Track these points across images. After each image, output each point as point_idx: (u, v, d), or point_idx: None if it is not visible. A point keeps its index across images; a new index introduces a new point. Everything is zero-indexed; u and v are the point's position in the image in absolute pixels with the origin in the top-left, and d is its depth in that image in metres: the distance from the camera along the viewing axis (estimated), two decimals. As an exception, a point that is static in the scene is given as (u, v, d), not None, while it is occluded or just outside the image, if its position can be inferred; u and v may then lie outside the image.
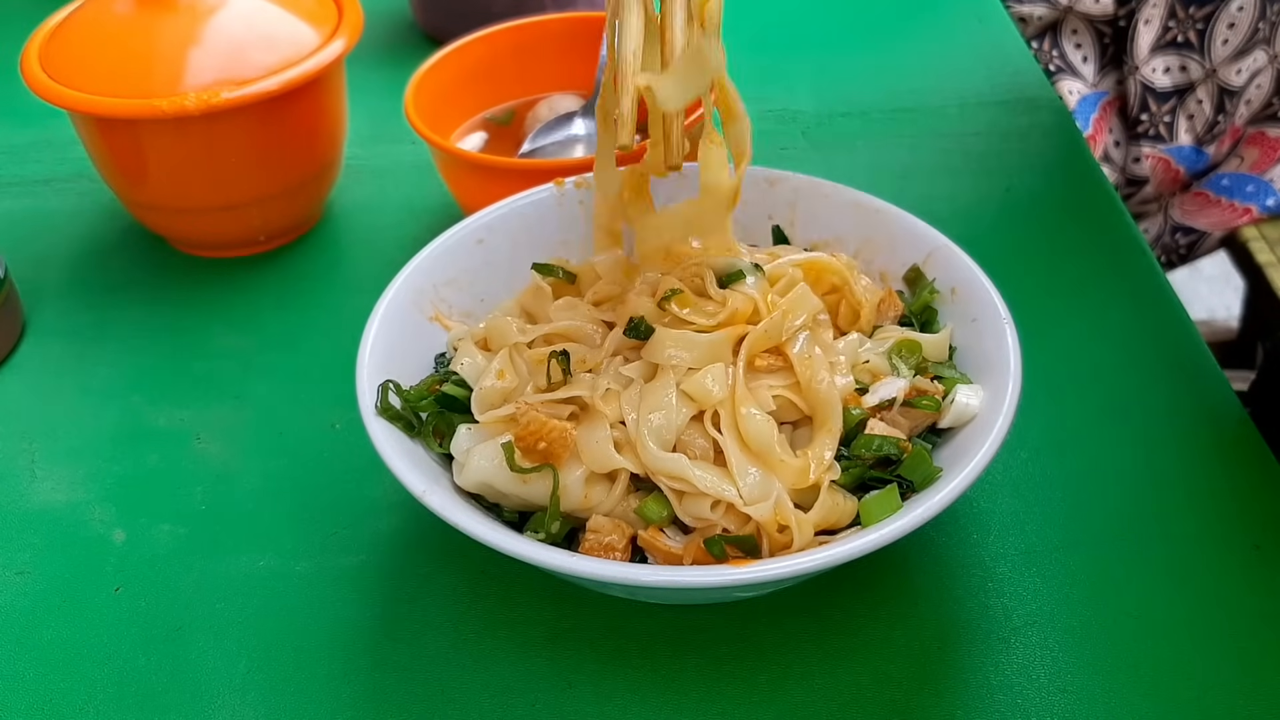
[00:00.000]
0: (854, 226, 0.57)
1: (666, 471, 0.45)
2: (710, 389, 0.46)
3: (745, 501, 0.44)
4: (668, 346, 0.47)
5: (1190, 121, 1.06)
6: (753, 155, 0.52)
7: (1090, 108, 1.06)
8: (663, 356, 0.47)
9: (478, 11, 0.85)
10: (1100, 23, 1.05)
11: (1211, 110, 1.05)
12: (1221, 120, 1.06)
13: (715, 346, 0.47)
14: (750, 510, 0.44)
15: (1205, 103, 1.04)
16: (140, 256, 0.72)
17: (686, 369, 0.47)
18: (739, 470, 0.45)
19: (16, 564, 0.54)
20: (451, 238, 0.56)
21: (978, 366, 0.50)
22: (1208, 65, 1.02)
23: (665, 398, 0.46)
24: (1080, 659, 0.47)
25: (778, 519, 0.44)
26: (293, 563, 0.53)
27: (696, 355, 0.47)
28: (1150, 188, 1.09)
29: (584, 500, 0.46)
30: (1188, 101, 1.04)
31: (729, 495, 0.44)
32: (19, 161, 0.81)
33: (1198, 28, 1.01)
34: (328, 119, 0.70)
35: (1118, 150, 1.07)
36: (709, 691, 0.47)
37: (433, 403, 0.50)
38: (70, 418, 0.61)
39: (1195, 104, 1.04)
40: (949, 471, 0.45)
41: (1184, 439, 0.56)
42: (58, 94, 0.63)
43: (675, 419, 0.46)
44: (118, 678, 0.49)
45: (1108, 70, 1.07)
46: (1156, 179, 1.08)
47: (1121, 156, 1.07)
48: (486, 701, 0.47)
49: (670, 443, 0.46)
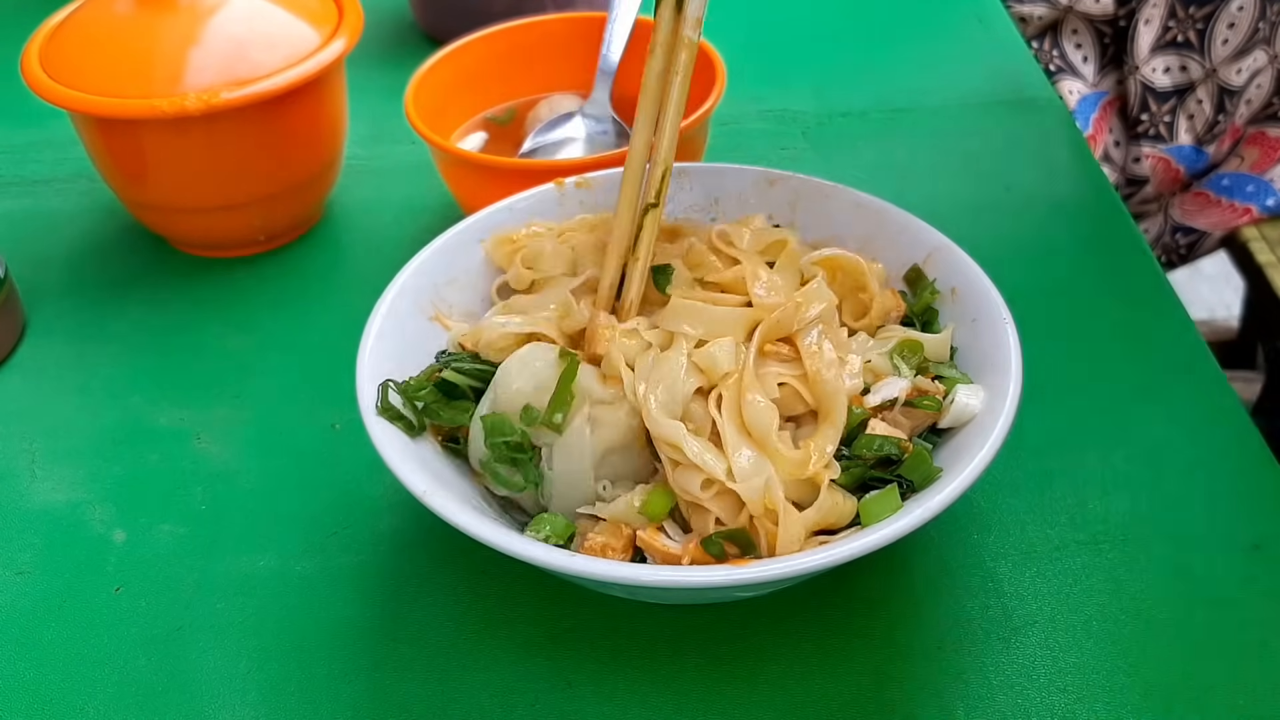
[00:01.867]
0: (854, 226, 0.57)
1: (664, 436, 0.45)
2: (718, 360, 0.47)
3: (733, 479, 0.44)
4: (682, 318, 0.49)
5: (1190, 121, 1.06)
6: (751, 158, 0.52)
7: (1090, 108, 1.06)
8: (676, 326, 0.49)
9: (477, 11, 0.85)
10: (1100, 22, 1.05)
11: (1212, 110, 1.05)
12: (1221, 120, 1.06)
13: (727, 322, 0.48)
14: (738, 487, 0.44)
15: (1205, 102, 1.04)
16: (140, 256, 0.72)
17: (697, 340, 0.48)
18: (733, 448, 0.45)
19: (17, 564, 0.54)
20: (452, 237, 0.56)
21: (978, 366, 0.50)
22: (1208, 65, 1.02)
23: (675, 365, 0.47)
24: (1081, 659, 0.47)
25: (766, 502, 0.44)
26: (293, 563, 0.53)
27: (708, 328, 0.48)
28: (1150, 188, 1.09)
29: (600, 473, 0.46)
30: (1188, 101, 1.04)
31: (715, 470, 0.44)
32: (19, 161, 0.81)
33: (1197, 27, 1.01)
34: (328, 119, 0.70)
35: (1118, 150, 1.07)
36: (709, 691, 0.47)
37: (433, 390, 0.50)
38: (70, 417, 0.61)
39: (1195, 104, 1.04)
40: (949, 471, 0.45)
41: (1184, 439, 0.56)
42: (58, 94, 0.63)
43: (681, 388, 0.46)
44: (118, 678, 0.49)
45: (1108, 70, 1.07)
46: (1157, 179, 1.08)
47: (1121, 156, 1.07)
48: (487, 701, 0.47)
49: (676, 412, 0.47)
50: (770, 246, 0.53)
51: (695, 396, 0.47)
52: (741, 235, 0.53)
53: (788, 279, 0.52)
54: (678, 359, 0.47)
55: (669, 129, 0.51)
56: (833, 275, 0.53)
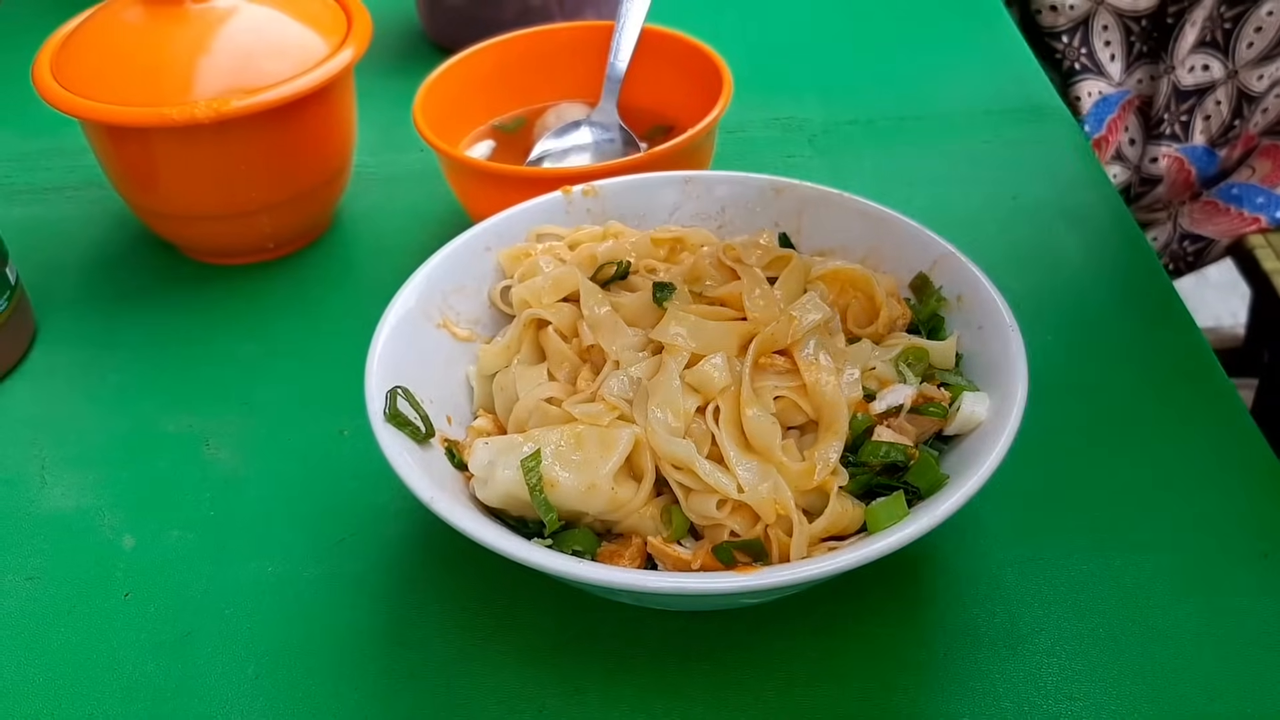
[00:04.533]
0: (860, 234, 0.57)
1: (674, 458, 0.45)
2: (713, 377, 0.47)
3: (742, 489, 0.44)
4: (673, 327, 0.48)
5: (1206, 122, 1.05)
6: (758, 165, 0.52)
7: (1109, 109, 1.06)
8: (668, 336, 0.48)
9: (486, 20, 0.86)
10: (1130, 19, 1.04)
11: (1229, 113, 1.04)
12: (1237, 125, 1.05)
13: (720, 335, 0.48)
14: (746, 497, 0.44)
15: (1224, 104, 1.04)
16: (150, 264, 0.73)
17: (690, 353, 0.48)
18: (735, 461, 0.45)
19: (26, 569, 0.54)
20: (460, 245, 0.56)
21: (984, 373, 0.50)
22: (1230, 66, 1.02)
23: (671, 386, 0.47)
24: (1087, 666, 0.47)
25: (777, 508, 0.44)
26: (301, 568, 0.53)
27: (702, 342, 0.48)
28: (1163, 188, 1.08)
29: (612, 498, 0.46)
30: (1206, 101, 1.04)
31: (727, 488, 0.45)
32: (30, 169, 0.82)
33: (1225, 27, 1.01)
34: (337, 127, 0.70)
35: (1132, 148, 1.07)
36: (716, 698, 0.47)
37: None
38: (80, 424, 0.62)
39: (1213, 104, 1.04)
40: (956, 478, 0.45)
41: (1191, 446, 0.56)
42: (69, 102, 0.64)
43: (682, 406, 0.46)
44: (126, 683, 0.49)
45: (1133, 68, 1.06)
46: (1169, 179, 1.08)
47: (1137, 155, 1.07)
48: (494, 707, 0.47)
49: (680, 432, 0.46)
50: (774, 261, 0.53)
51: (695, 416, 0.47)
52: (751, 253, 0.53)
53: (789, 292, 0.51)
54: (671, 381, 0.47)
55: None
56: (841, 289, 0.53)
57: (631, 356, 0.49)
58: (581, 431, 0.46)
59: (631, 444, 0.46)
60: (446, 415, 0.52)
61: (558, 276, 0.53)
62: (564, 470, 0.45)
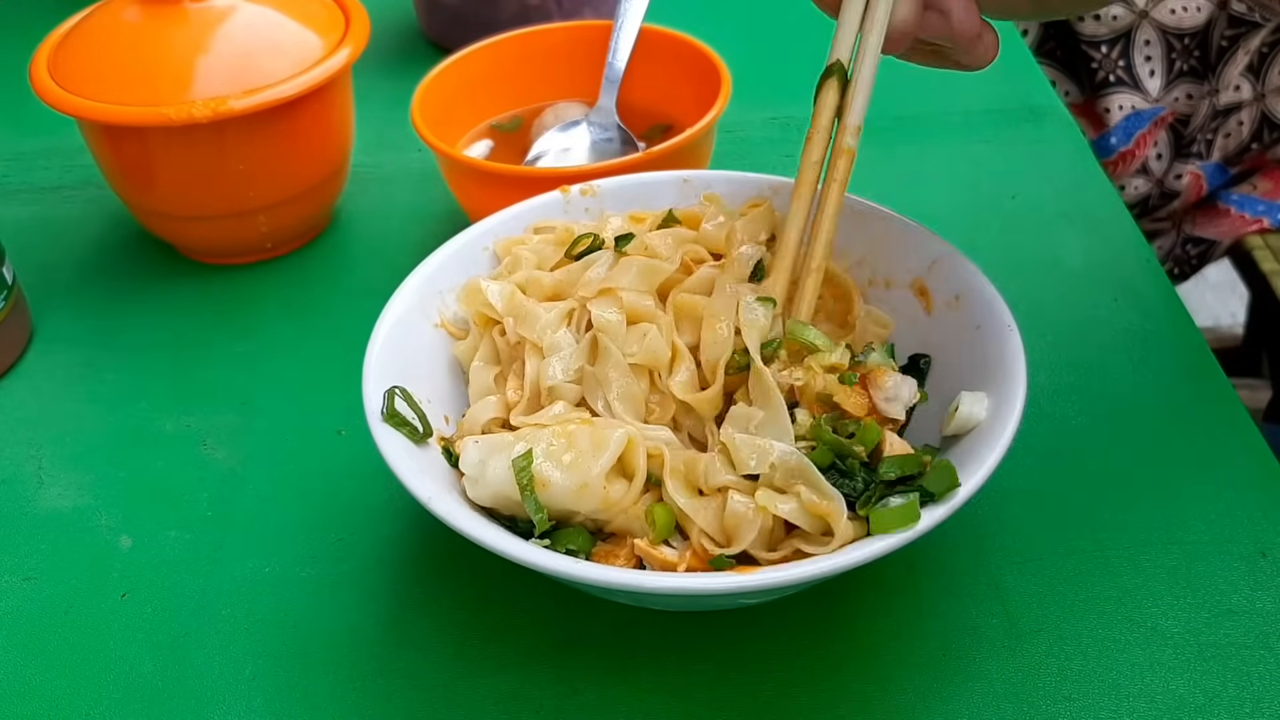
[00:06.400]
0: (859, 233, 0.57)
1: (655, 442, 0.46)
2: (655, 351, 0.48)
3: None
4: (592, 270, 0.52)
5: (1225, 140, 1.05)
6: (756, 165, 0.52)
7: (1141, 123, 1.04)
8: (591, 290, 0.51)
9: (483, 20, 0.86)
10: (1174, 36, 1.03)
11: (1248, 135, 1.04)
12: (1255, 148, 1.05)
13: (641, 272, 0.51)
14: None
15: (1245, 125, 1.04)
16: (148, 263, 0.73)
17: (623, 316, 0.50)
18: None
19: (23, 570, 0.54)
20: (458, 244, 0.56)
21: (982, 374, 0.50)
22: (1259, 89, 1.02)
23: (618, 371, 0.48)
24: (1086, 667, 0.47)
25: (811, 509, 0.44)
26: (298, 568, 0.53)
27: (623, 281, 0.51)
28: (1178, 202, 1.09)
29: (604, 497, 0.45)
30: (1229, 120, 1.04)
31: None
32: (28, 169, 0.82)
33: (1263, 52, 1.00)
34: (335, 127, 0.70)
35: (1159, 163, 1.06)
36: (714, 699, 0.47)
37: None
38: (77, 424, 0.62)
39: (1235, 124, 1.03)
40: (954, 479, 0.45)
41: (1190, 446, 0.56)
42: (66, 102, 0.64)
43: (634, 389, 0.48)
44: (124, 683, 0.49)
45: (1173, 86, 1.05)
46: (1185, 193, 1.08)
47: (1162, 170, 1.06)
48: (491, 708, 0.47)
49: (641, 414, 0.48)
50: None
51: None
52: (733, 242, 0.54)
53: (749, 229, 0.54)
54: (617, 364, 0.49)
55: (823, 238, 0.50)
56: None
57: (553, 341, 0.50)
58: (573, 430, 0.46)
59: (624, 443, 0.46)
60: (444, 415, 0.52)
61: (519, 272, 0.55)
62: (556, 469, 0.45)
